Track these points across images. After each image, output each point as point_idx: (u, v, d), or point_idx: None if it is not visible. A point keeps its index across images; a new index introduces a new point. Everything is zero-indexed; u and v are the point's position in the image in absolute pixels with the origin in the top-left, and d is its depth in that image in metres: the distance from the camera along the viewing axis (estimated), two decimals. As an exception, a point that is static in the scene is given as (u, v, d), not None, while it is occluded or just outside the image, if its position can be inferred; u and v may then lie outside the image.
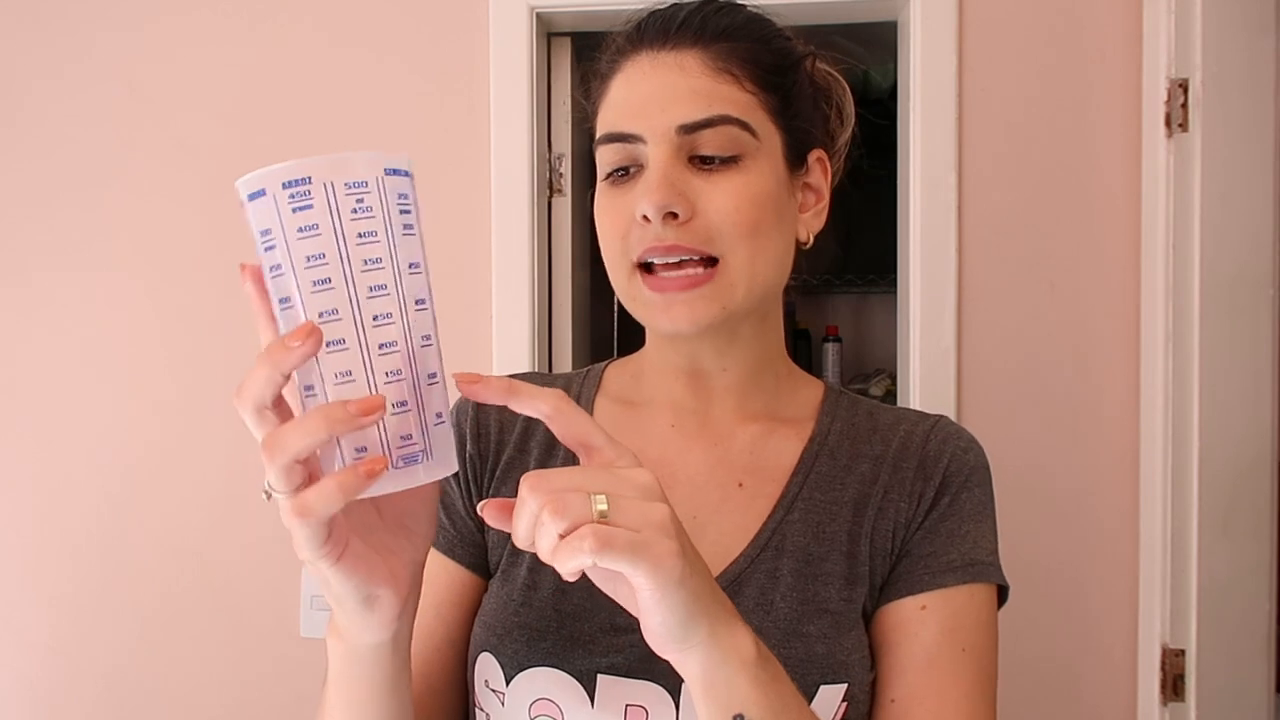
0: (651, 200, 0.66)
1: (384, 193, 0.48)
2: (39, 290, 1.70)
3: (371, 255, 0.47)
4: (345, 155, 0.48)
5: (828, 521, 0.72)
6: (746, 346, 0.75)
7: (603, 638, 0.68)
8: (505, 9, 1.58)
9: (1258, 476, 1.40)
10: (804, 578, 0.70)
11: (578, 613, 0.69)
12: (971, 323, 1.51)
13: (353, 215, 0.47)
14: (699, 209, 0.67)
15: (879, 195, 1.74)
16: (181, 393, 1.66)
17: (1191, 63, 1.38)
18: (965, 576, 0.70)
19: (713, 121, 0.67)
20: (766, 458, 0.75)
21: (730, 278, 0.68)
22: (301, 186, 0.47)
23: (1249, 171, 1.39)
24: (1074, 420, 1.49)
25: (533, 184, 1.59)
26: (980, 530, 0.73)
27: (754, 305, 0.71)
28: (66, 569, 1.68)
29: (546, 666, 0.68)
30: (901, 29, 1.59)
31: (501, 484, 0.77)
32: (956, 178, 1.50)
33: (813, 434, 0.76)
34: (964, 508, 0.73)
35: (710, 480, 0.74)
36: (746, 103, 0.69)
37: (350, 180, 0.47)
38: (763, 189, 0.69)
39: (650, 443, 0.76)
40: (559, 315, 1.72)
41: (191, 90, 1.67)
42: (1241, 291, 1.39)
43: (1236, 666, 1.40)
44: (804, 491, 0.73)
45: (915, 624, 0.70)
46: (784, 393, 0.78)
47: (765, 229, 0.69)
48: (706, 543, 0.71)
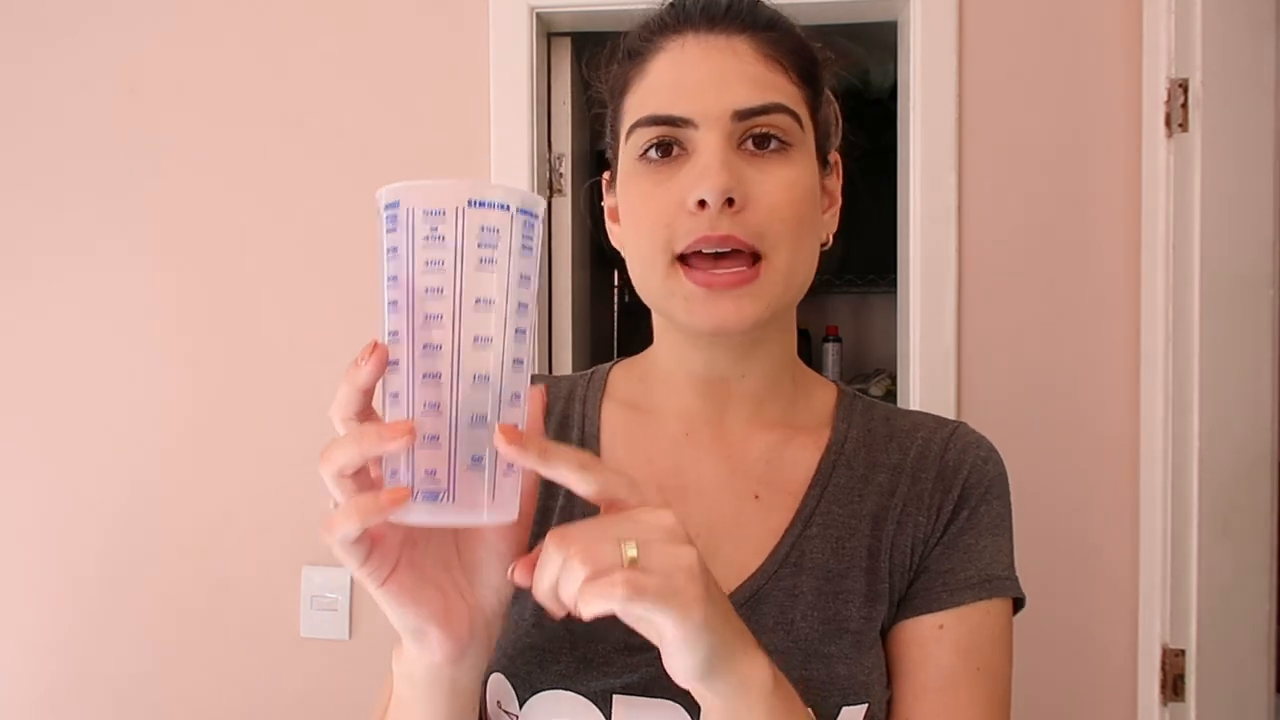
0: (714, 184, 0.63)
1: (461, 222, 0.47)
2: (47, 292, 1.70)
3: (433, 284, 0.47)
4: (436, 182, 0.48)
5: (847, 537, 0.70)
6: (767, 353, 0.73)
7: (617, 657, 0.67)
8: (505, 9, 1.58)
9: (1258, 476, 1.40)
10: (825, 595, 0.68)
11: (590, 633, 0.67)
12: (971, 323, 1.51)
13: (424, 241, 0.47)
14: (751, 199, 0.65)
15: (879, 195, 1.74)
16: (187, 395, 1.66)
17: (1191, 63, 1.38)
18: (982, 593, 0.69)
19: (768, 109, 0.65)
20: (783, 468, 0.73)
21: (773, 275, 0.66)
22: (392, 210, 0.48)
23: (1249, 171, 1.39)
24: (1074, 420, 1.49)
25: (533, 184, 1.59)
26: (998, 544, 0.71)
27: (789, 305, 0.70)
28: (71, 571, 1.68)
29: (560, 689, 0.67)
30: (901, 29, 1.59)
31: None
32: (956, 178, 1.50)
33: (829, 443, 0.74)
34: (982, 521, 0.71)
35: (724, 491, 0.72)
36: (794, 94, 0.68)
37: (429, 208, 0.47)
38: (807, 184, 0.68)
39: (662, 451, 0.74)
40: (559, 315, 1.72)
41: (192, 90, 1.66)
42: (1241, 291, 1.39)
43: (1236, 666, 1.39)
44: (822, 505, 0.71)
45: (932, 644, 0.68)
46: (799, 398, 0.76)
47: (806, 225, 0.67)
48: (722, 556, 0.69)
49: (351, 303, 1.62)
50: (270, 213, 1.65)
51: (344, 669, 1.59)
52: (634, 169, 0.68)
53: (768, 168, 0.65)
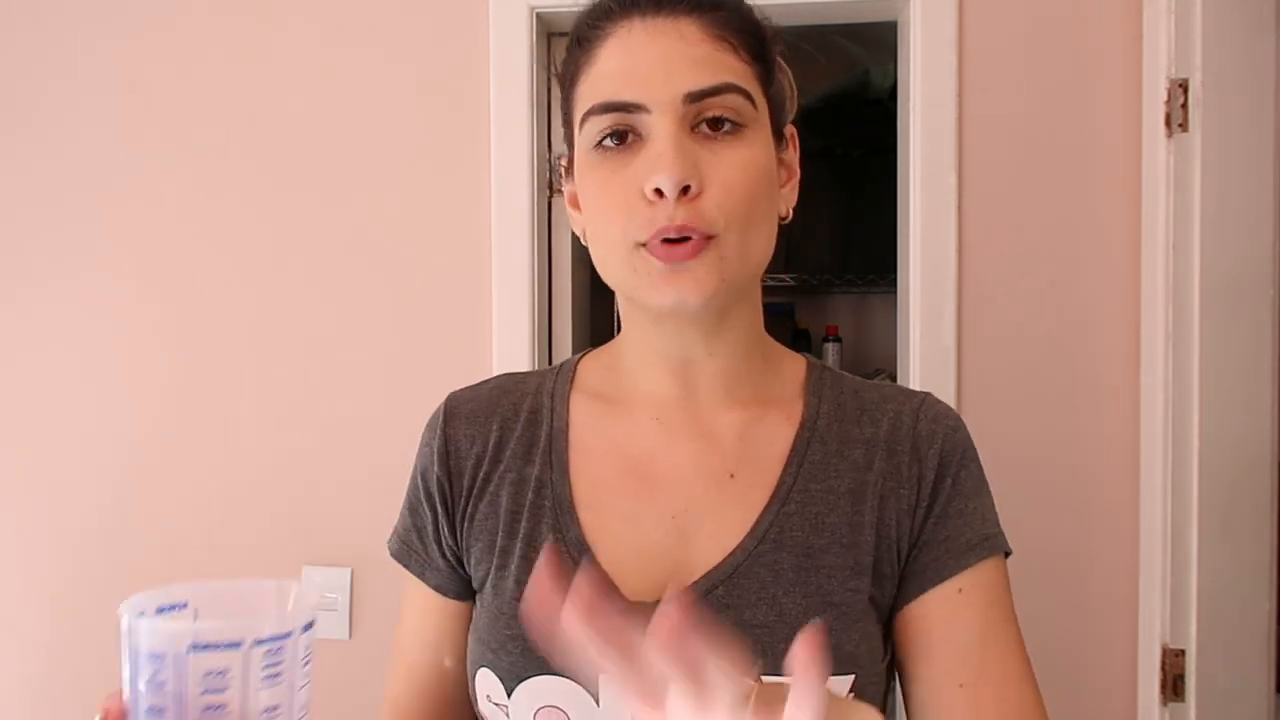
0: (669, 174, 0.63)
1: (183, 669, 0.46)
2: (36, 291, 1.69)
3: (157, 703, 0.47)
4: (162, 622, 0.48)
5: (826, 513, 0.71)
6: (733, 330, 0.73)
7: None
8: (505, 9, 1.58)
9: (1258, 476, 1.40)
10: (806, 570, 0.69)
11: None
12: (971, 323, 1.51)
13: (147, 685, 0.47)
14: (706, 183, 0.65)
15: (879, 195, 1.74)
16: (180, 393, 1.66)
17: (1191, 63, 1.38)
18: (984, 552, 0.72)
19: (719, 89, 0.65)
20: (758, 446, 0.73)
21: (727, 252, 0.66)
22: (124, 632, 0.48)
23: (1249, 171, 1.39)
24: (1074, 420, 1.49)
25: (533, 184, 1.59)
26: (984, 504, 0.74)
27: (747, 281, 0.70)
28: (66, 569, 1.68)
29: (546, 674, 0.67)
30: (901, 29, 1.59)
31: (478, 501, 0.75)
32: (956, 178, 1.50)
33: (803, 419, 0.74)
34: (965, 486, 0.73)
35: (699, 473, 0.73)
36: (744, 72, 0.68)
37: (151, 650, 0.47)
38: (761, 162, 0.68)
39: (633, 439, 0.74)
40: (559, 314, 1.72)
41: (191, 93, 1.66)
42: (1241, 291, 1.39)
43: (1236, 666, 1.39)
44: (799, 482, 0.72)
45: (958, 606, 0.71)
46: (769, 374, 0.77)
47: (761, 205, 0.67)
48: (702, 537, 0.70)
49: (352, 303, 1.62)
50: (270, 213, 1.65)
51: (344, 669, 1.59)
52: (590, 158, 0.69)
53: (722, 150, 0.65)
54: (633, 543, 0.71)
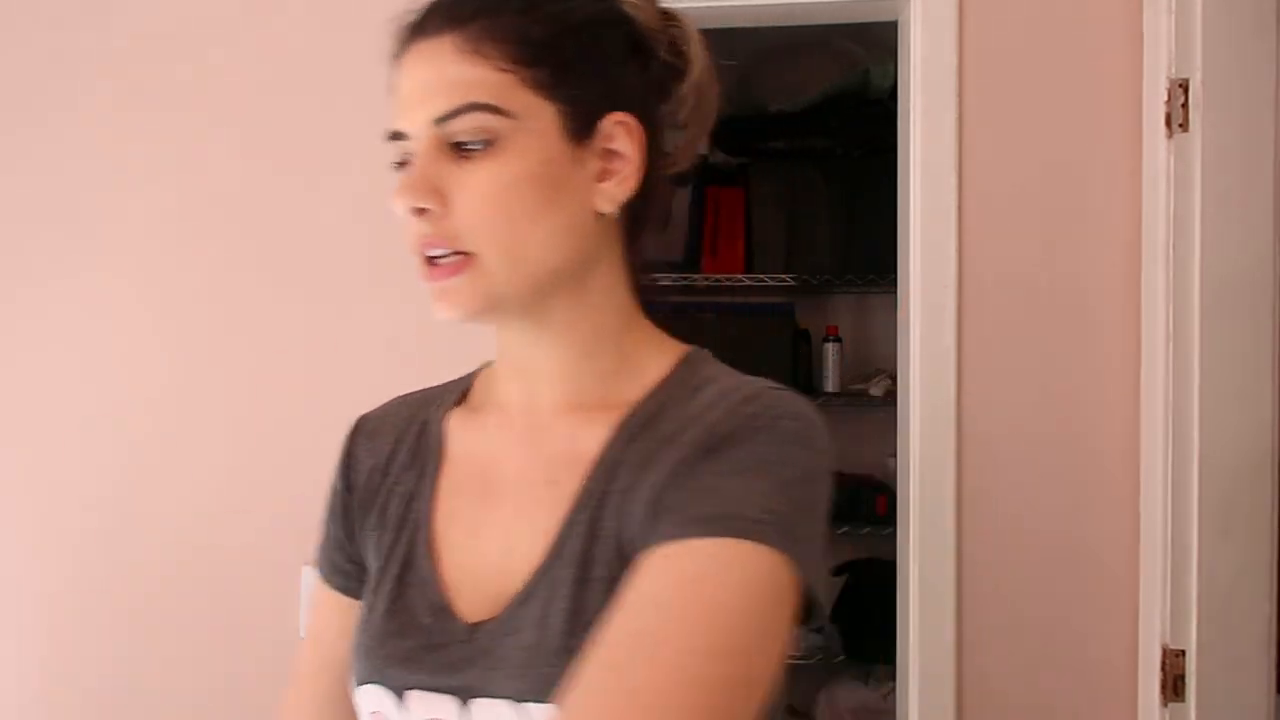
0: (397, 197, 0.66)
1: None
2: (36, 291, 1.69)
3: None
4: None
5: (602, 519, 0.66)
6: (557, 332, 0.71)
7: (419, 654, 0.68)
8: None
9: (1258, 476, 1.40)
10: (578, 584, 0.65)
11: (400, 631, 0.70)
12: (971, 323, 1.51)
13: None
14: (453, 204, 0.66)
15: (879, 195, 1.74)
16: (180, 393, 1.66)
17: (1191, 63, 1.38)
18: (718, 529, 0.59)
19: (458, 111, 0.65)
20: (580, 452, 0.69)
21: (486, 268, 0.66)
22: None
23: (1249, 171, 1.39)
24: (1074, 420, 1.49)
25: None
26: (752, 485, 0.61)
27: (531, 290, 0.67)
28: (65, 569, 1.68)
29: (372, 684, 0.69)
30: (901, 29, 1.59)
31: (365, 513, 0.77)
32: (956, 178, 1.50)
33: (619, 422, 0.69)
34: (735, 461, 0.62)
35: (525, 480, 0.71)
36: (499, 82, 0.66)
37: None
38: (520, 171, 0.66)
39: (483, 446, 0.74)
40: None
41: (190, 92, 1.66)
42: (1241, 291, 1.39)
43: (1236, 666, 1.39)
44: (594, 487, 0.68)
45: (652, 570, 0.59)
46: (624, 374, 0.72)
47: (525, 212, 0.66)
48: (519, 552, 0.68)
49: (352, 303, 1.62)
50: (270, 213, 1.65)
51: (344, 669, 1.59)
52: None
53: (472, 168, 0.66)
54: (469, 557, 0.71)
